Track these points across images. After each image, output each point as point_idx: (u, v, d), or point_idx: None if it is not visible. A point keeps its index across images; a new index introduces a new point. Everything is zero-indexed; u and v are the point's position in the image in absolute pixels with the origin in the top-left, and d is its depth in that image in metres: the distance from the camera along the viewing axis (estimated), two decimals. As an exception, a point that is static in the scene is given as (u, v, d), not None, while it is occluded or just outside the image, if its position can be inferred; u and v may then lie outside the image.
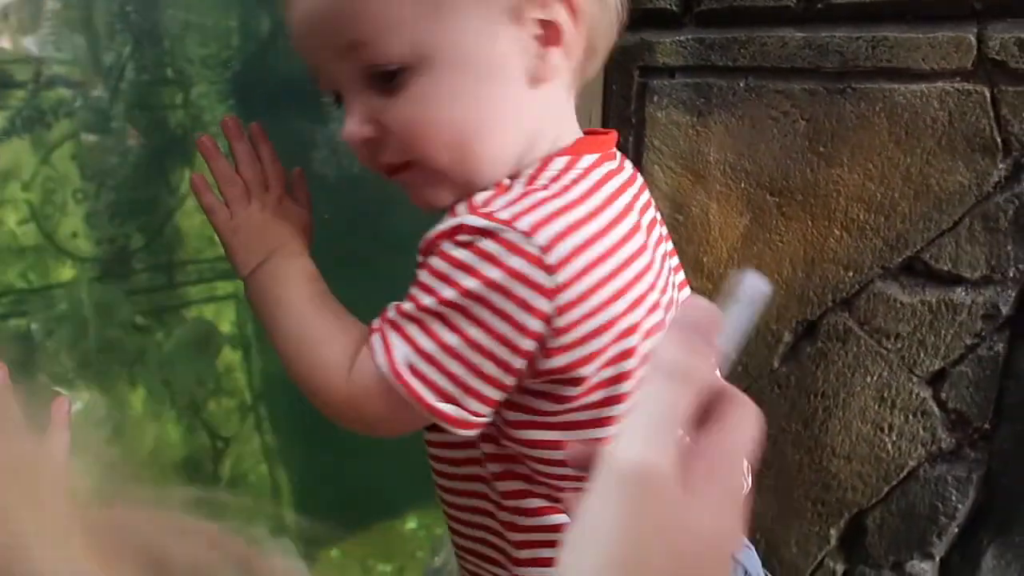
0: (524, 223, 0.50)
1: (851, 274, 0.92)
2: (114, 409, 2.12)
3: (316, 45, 0.55)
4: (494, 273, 0.50)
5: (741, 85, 0.93)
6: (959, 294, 0.88)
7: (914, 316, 0.90)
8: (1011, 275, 0.85)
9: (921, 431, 0.92)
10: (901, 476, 0.94)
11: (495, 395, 0.53)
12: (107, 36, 2.06)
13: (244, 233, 0.67)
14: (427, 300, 0.52)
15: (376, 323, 0.56)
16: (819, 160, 0.91)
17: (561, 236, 0.50)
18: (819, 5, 0.88)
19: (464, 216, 0.52)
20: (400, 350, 0.53)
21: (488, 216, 0.51)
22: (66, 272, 2.14)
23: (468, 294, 0.50)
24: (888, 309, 0.91)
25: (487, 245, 0.50)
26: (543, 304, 0.50)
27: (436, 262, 0.52)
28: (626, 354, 0.54)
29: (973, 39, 0.82)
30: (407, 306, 0.53)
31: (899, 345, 0.91)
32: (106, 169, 2.09)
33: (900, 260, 0.90)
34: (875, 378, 0.93)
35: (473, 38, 0.52)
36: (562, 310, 0.50)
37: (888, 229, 0.90)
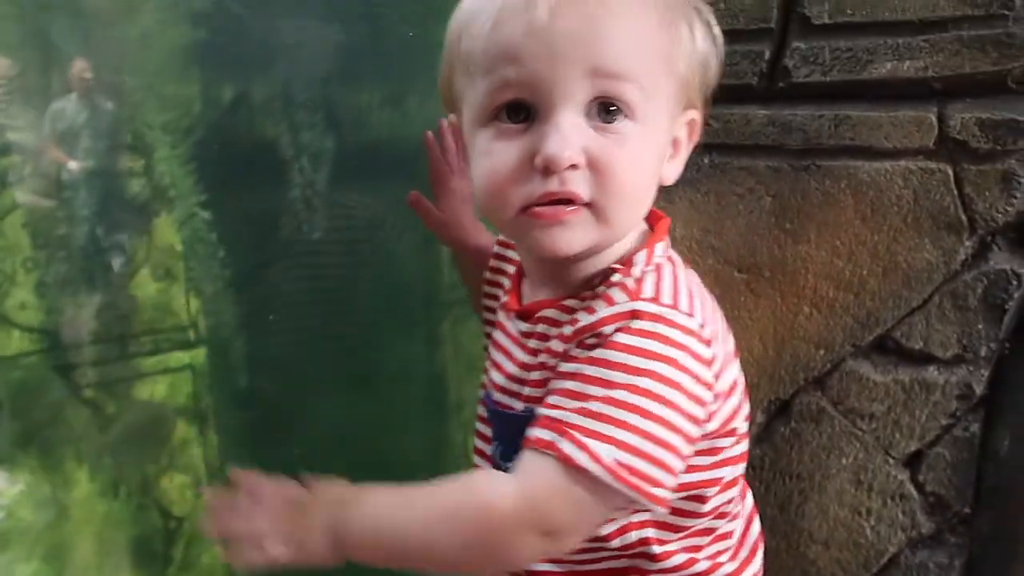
0: (683, 304, 0.56)
1: (822, 352, 0.90)
2: (58, 488, 2.01)
3: (569, 57, 0.55)
4: (676, 354, 0.54)
5: (705, 161, 0.92)
6: (932, 373, 0.86)
7: (888, 396, 0.88)
8: (983, 354, 0.83)
9: (900, 515, 0.89)
10: (882, 563, 0.90)
11: (682, 467, 0.56)
12: (63, 101, 2.02)
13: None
14: (615, 393, 0.53)
15: (545, 436, 0.54)
16: (786, 237, 0.90)
17: (702, 311, 0.57)
18: (780, 84, 0.88)
19: (635, 303, 0.55)
20: (604, 449, 0.52)
21: (656, 301, 0.56)
22: (12, 344, 2.05)
23: (659, 378, 0.53)
24: (861, 388, 0.89)
25: (664, 330, 0.54)
26: (708, 375, 0.56)
27: (612, 354, 0.54)
28: (742, 403, 0.62)
29: (934, 118, 0.82)
30: (592, 406, 0.53)
31: (874, 425, 0.89)
32: (58, 237, 2.03)
33: (871, 338, 0.88)
34: (851, 460, 0.90)
35: (667, 120, 0.60)
36: (716, 376, 0.57)
37: (858, 307, 0.88)
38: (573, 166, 0.55)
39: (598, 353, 0.54)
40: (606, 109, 0.56)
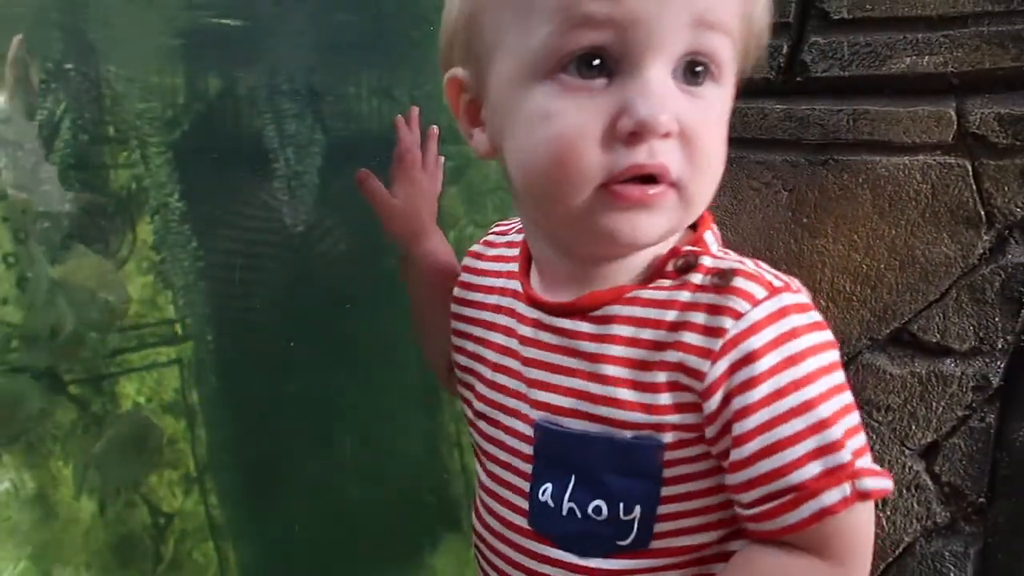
0: (794, 283, 0.56)
1: (839, 346, 0.91)
2: (45, 487, 1.97)
3: (677, 7, 0.46)
4: (830, 336, 0.57)
5: (722, 156, 0.92)
6: (949, 366, 0.87)
7: (904, 388, 0.88)
8: (999, 346, 0.85)
9: (915, 505, 0.90)
10: (897, 552, 0.91)
11: None
12: (40, 92, 1.96)
13: None
14: (835, 401, 0.53)
15: (836, 495, 0.52)
16: (803, 231, 0.90)
17: None
18: (798, 78, 0.88)
19: (780, 297, 0.53)
20: (867, 460, 0.54)
21: (789, 288, 0.54)
22: (-7, 341, 1.99)
23: (840, 366, 0.56)
24: (877, 381, 0.89)
25: (817, 316, 0.55)
26: None
27: (805, 368, 0.52)
28: None
29: (953, 113, 0.82)
30: (835, 432, 0.52)
31: (890, 417, 0.89)
32: (39, 231, 1.98)
33: (888, 331, 0.89)
34: (867, 452, 0.91)
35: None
36: None
37: (875, 300, 0.88)
38: (667, 135, 0.47)
39: (796, 373, 0.52)
40: (692, 69, 0.48)
